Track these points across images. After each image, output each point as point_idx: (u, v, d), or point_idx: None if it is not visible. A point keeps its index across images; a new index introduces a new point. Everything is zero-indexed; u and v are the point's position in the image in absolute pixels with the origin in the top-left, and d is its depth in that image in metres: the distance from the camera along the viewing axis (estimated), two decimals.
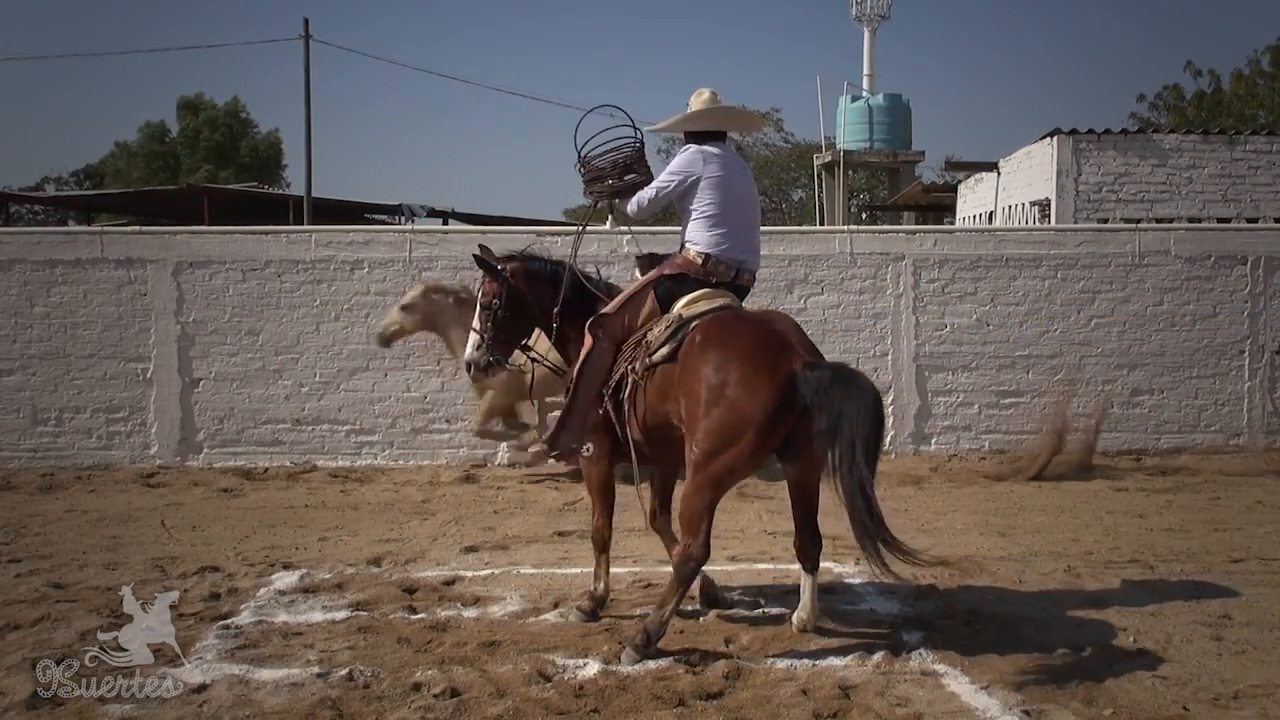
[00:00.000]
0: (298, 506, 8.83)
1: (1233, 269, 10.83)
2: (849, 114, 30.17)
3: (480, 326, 5.76)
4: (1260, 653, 5.10)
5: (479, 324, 5.77)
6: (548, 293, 5.72)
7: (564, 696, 4.55)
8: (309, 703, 4.48)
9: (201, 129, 45.54)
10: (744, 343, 4.95)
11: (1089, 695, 4.56)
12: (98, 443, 10.45)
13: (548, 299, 5.71)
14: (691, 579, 5.06)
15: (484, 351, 5.75)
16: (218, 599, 6.03)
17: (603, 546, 5.70)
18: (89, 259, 10.49)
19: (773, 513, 8.32)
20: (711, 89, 5.61)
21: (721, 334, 5.02)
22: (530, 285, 5.75)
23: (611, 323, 5.44)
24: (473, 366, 5.81)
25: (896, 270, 10.71)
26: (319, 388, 10.52)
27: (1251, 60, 34.12)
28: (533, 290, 5.75)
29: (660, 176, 5.56)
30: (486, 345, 5.74)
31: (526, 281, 5.75)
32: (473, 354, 5.79)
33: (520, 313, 5.78)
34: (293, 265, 10.53)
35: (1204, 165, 15.60)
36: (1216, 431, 10.79)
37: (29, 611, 5.72)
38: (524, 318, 5.82)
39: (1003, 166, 18.93)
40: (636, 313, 5.46)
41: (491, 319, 5.73)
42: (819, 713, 4.38)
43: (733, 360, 4.87)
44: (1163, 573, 6.59)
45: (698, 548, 4.89)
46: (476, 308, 5.84)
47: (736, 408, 4.80)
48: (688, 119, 5.59)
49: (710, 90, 5.60)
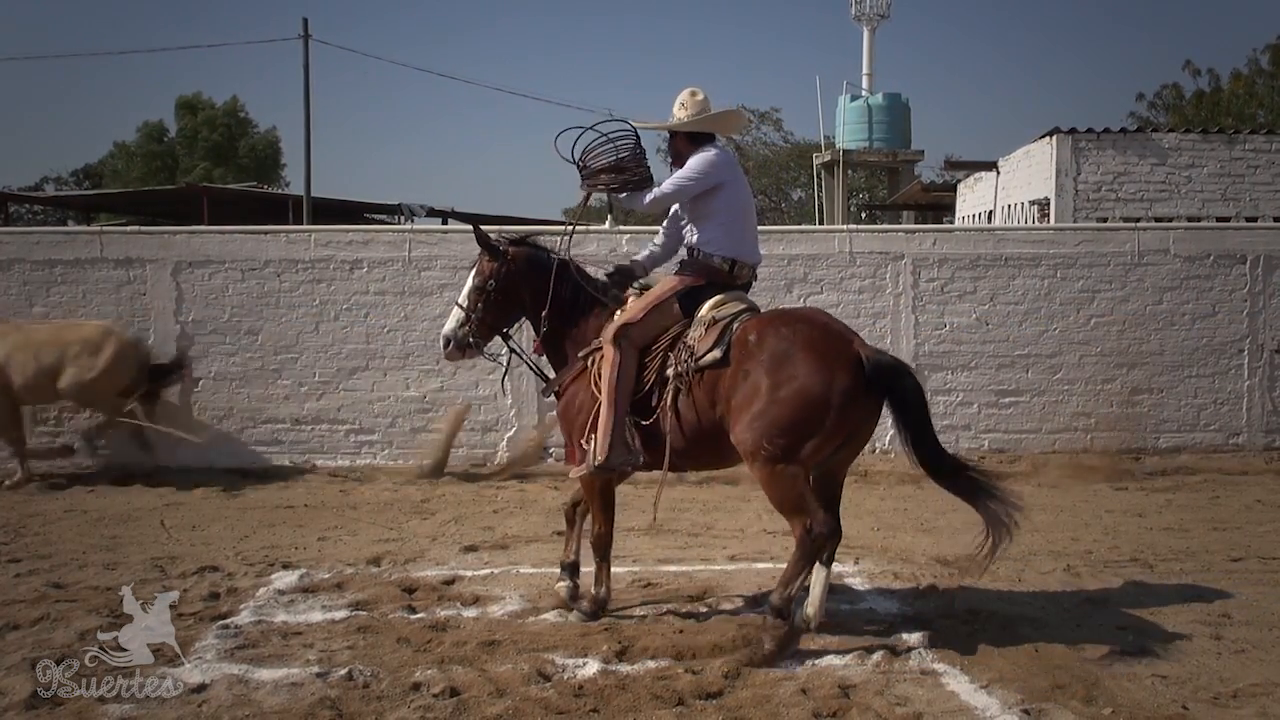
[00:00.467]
0: (297, 506, 8.83)
1: (1232, 268, 10.83)
2: (848, 113, 30.18)
3: (468, 304, 5.65)
4: (1260, 652, 5.10)
5: (467, 300, 5.65)
6: (545, 286, 5.62)
7: (563, 696, 4.55)
8: (308, 702, 4.48)
9: (200, 129, 45.55)
10: (804, 336, 5.04)
11: (1088, 694, 4.56)
12: None
13: (544, 293, 5.61)
14: (815, 556, 5.07)
15: (468, 330, 5.64)
16: (217, 599, 6.03)
17: (604, 553, 5.68)
18: (88, 259, 10.48)
19: (772, 512, 8.30)
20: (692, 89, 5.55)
21: (778, 330, 5.09)
22: (529, 274, 5.65)
23: (637, 332, 5.34)
24: (451, 342, 5.66)
25: (896, 269, 10.71)
26: (318, 387, 10.52)
27: (1251, 59, 34.18)
28: (530, 280, 5.65)
29: (682, 175, 5.46)
30: (472, 325, 5.63)
31: (527, 268, 5.65)
32: (455, 329, 5.66)
33: (512, 299, 5.69)
34: (292, 265, 10.53)
35: (1203, 164, 15.60)
36: (1216, 431, 10.79)
37: (28, 611, 5.72)
38: (515, 305, 5.73)
39: (1002, 166, 18.93)
40: (661, 320, 5.38)
41: (484, 299, 5.62)
42: (818, 712, 4.39)
43: (801, 352, 4.97)
44: (1162, 572, 6.60)
45: (819, 524, 4.96)
46: (468, 284, 5.71)
47: (814, 395, 4.92)
48: (700, 121, 5.51)
49: (702, 92, 5.55)
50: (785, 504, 5.05)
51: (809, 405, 4.91)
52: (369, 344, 10.51)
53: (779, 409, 4.92)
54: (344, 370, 10.53)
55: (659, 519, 6.93)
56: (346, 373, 10.53)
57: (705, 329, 5.24)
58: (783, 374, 4.94)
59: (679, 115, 5.53)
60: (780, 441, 4.91)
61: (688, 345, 5.25)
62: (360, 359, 10.53)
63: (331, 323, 10.53)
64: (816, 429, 4.93)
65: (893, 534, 7.66)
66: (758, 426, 4.94)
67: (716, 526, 7.89)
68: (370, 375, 10.54)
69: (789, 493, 5.01)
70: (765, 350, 5.02)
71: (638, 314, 5.38)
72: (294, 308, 10.52)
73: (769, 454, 4.94)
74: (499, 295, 5.63)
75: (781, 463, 4.95)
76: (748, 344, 5.09)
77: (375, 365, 10.53)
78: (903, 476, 9.62)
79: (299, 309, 10.52)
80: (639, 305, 5.43)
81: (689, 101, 5.53)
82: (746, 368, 5.04)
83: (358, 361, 10.53)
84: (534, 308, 5.67)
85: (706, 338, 5.21)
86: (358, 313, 10.52)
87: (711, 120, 5.58)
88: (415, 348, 10.48)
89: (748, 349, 5.07)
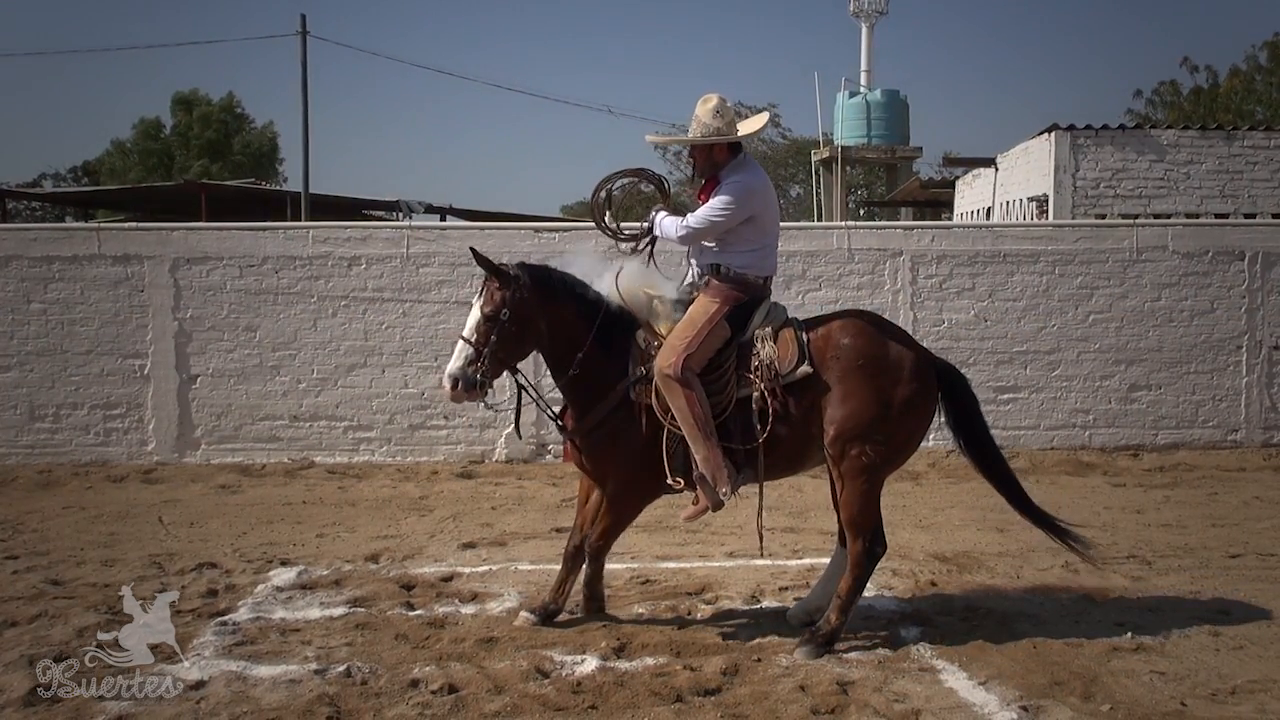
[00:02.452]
0: (295, 503, 8.83)
1: (1230, 264, 10.83)
2: (846, 110, 30.13)
3: (477, 338, 5.07)
4: (1258, 648, 5.10)
5: (475, 334, 5.07)
6: (571, 319, 5.18)
7: (561, 693, 4.54)
8: (306, 699, 4.48)
9: (194, 125, 45.44)
10: (895, 350, 5.20)
11: (1086, 690, 4.56)
12: (95, 439, 10.44)
13: (571, 327, 5.17)
14: (870, 576, 5.33)
15: (477, 367, 5.06)
16: (215, 595, 6.02)
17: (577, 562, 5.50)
18: (86, 255, 10.47)
19: (770, 508, 8.29)
20: (720, 96, 5.25)
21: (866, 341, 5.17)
22: (548, 305, 5.15)
23: (696, 360, 5.04)
24: (459, 383, 5.05)
25: (894, 266, 10.70)
26: (316, 384, 10.51)
27: (1249, 56, 34.16)
28: (552, 312, 5.16)
29: (720, 210, 5.12)
30: (484, 361, 5.06)
31: (545, 299, 5.14)
32: (462, 368, 5.05)
33: (528, 332, 5.15)
34: (290, 261, 10.52)
35: (1202, 161, 15.58)
36: (1214, 427, 10.79)
37: (26, 608, 5.71)
38: (530, 339, 5.20)
39: (1000, 162, 18.91)
40: (714, 343, 5.12)
41: (497, 332, 5.05)
42: (817, 708, 4.39)
43: (905, 369, 5.15)
44: (1160, 568, 6.60)
45: (882, 544, 5.22)
46: (473, 315, 5.14)
47: (922, 412, 5.22)
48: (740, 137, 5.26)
49: (718, 96, 5.26)
50: (863, 515, 5.13)
51: (918, 424, 5.24)
52: (367, 340, 10.50)
53: (896, 427, 5.11)
54: (342, 367, 10.52)
55: (659, 518, 6.95)
56: (344, 369, 10.52)
57: (776, 344, 5.15)
58: (897, 393, 5.09)
59: (714, 124, 5.18)
60: (883, 450, 5.09)
61: (765, 363, 5.11)
62: (358, 355, 10.52)
63: (330, 319, 10.52)
64: (914, 444, 5.34)
65: (891, 530, 7.58)
66: (860, 433, 5.03)
67: (715, 523, 7.86)
68: (368, 372, 10.53)
69: (870, 504, 5.15)
70: (869, 365, 5.10)
71: (694, 341, 5.04)
72: (292, 304, 10.51)
73: (867, 462, 5.06)
74: (515, 327, 5.08)
75: (876, 470, 5.12)
76: (840, 357, 5.11)
77: (373, 362, 10.53)
78: (900, 473, 9.56)
79: (297, 305, 10.51)
80: (691, 332, 5.06)
81: (725, 110, 5.21)
82: (852, 380, 5.07)
83: (356, 358, 10.53)
84: (561, 345, 5.20)
85: (786, 353, 5.12)
86: (356, 309, 10.52)
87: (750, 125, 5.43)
88: (413, 344, 10.48)
89: (842, 361, 5.10)
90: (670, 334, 5.13)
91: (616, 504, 5.34)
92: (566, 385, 5.28)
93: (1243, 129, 16.32)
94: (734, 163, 5.28)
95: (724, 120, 5.19)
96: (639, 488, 5.33)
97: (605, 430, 5.22)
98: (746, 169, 5.28)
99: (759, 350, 5.15)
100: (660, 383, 5.03)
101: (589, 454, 5.32)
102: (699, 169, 5.38)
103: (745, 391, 5.13)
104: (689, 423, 4.98)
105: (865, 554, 5.12)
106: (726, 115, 5.21)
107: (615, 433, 5.21)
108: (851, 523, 5.15)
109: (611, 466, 5.28)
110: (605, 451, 5.26)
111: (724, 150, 5.27)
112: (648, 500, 5.44)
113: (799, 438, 5.17)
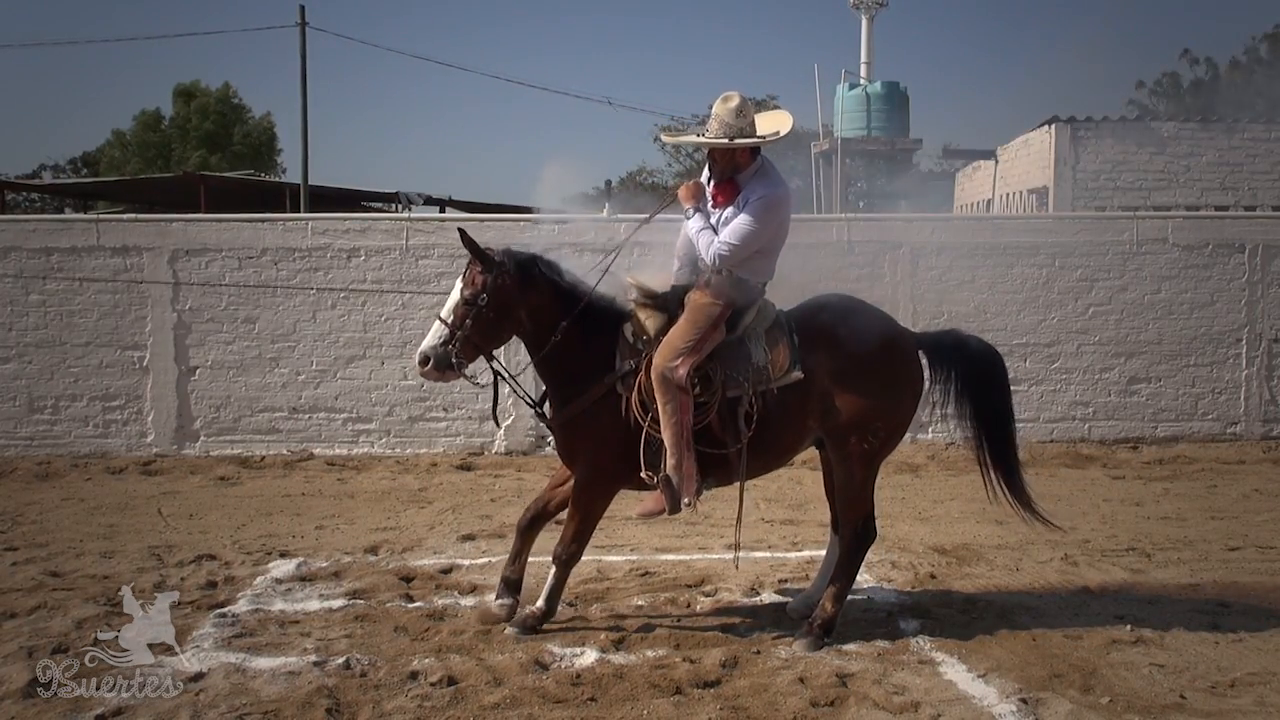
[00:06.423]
0: (294, 495, 8.83)
1: (1230, 257, 10.82)
2: (846, 102, 30.03)
3: (454, 319, 5.00)
4: (1257, 641, 5.11)
5: (452, 315, 5.00)
6: (547, 305, 5.09)
7: (561, 685, 4.55)
8: (306, 691, 4.48)
9: (192, 117, 45.31)
10: (883, 335, 5.26)
11: (1086, 683, 4.56)
12: (94, 431, 10.43)
13: (552, 317, 5.08)
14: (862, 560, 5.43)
15: (451, 349, 4.98)
16: (214, 587, 6.02)
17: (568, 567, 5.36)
18: (85, 247, 10.46)
19: (769, 500, 8.33)
20: (741, 95, 5.05)
21: (856, 331, 5.19)
22: (530, 293, 5.06)
23: (690, 364, 4.92)
24: (430, 360, 4.99)
25: (894, 258, 10.69)
26: (316, 376, 10.50)
27: (1250, 48, 34.11)
28: (530, 299, 5.07)
29: (749, 228, 4.98)
30: (457, 343, 4.99)
31: (526, 287, 5.05)
32: (436, 346, 4.99)
33: (506, 318, 5.08)
34: (289, 253, 10.50)
35: (1202, 153, 15.58)
36: (1214, 420, 10.79)
37: (26, 600, 5.71)
38: (509, 324, 5.12)
39: (1000, 154, 18.91)
40: (711, 345, 5.01)
41: (474, 315, 4.98)
42: (816, 701, 4.39)
43: (895, 353, 5.24)
44: (1160, 561, 6.60)
45: (872, 532, 5.31)
46: (452, 296, 5.08)
47: (915, 391, 5.33)
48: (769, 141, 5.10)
49: (739, 95, 5.05)
50: (859, 501, 5.23)
51: (911, 406, 5.31)
52: (366, 332, 10.49)
53: (894, 412, 5.22)
54: (341, 358, 10.51)
55: None
56: (344, 361, 10.51)
57: (766, 345, 5.09)
58: (890, 379, 5.19)
59: (737, 124, 5.00)
60: (881, 436, 5.16)
61: (756, 367, 5.03)
62: (358, 347, 10.51)
63: (329, 311, 10.51)
64: (905, 427, 5.41)
65: (890, 523, 7.64)
66: (861, 421, 5.08)
67: (714, 515, 7.86)
68: (368, 363, 10.52)
69: (866, 490, 5.25)
70: (862, 356, 5.13)
71: (695, 345, 4.93)
72: (291, 296, 10.50)
73: (868, 449, 5.13)
74: (492, 313, 5.01)
75: (875, 456, 5.22)
76: (829, 346, 5.12)
77: (373, 354, 10.52)
78: (900, 465, 9.62)
79: (296, 297, 10.50)
80: (694, 335, 4.94)
81: (747, 109, 5.04)
82: (834, 370, 5.09)
83: (355, 350, 10.52)
84: (537, 329, 5.12)
85: (779, 358, 5.07)
86: (355, 301, 10.50)
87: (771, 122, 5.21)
88: (413, 336, 10.45)
89: (831, 352, 5.11)
90: (670, 334, 5.00)
91: (586, 491, 5.21)
92: (546, 373, 5.23)
93: (1243, 121, 16.31)
94: (758, 169, 5.14)
95: (746, 120, 5.02)
96: (611, 475, 5.19)
97: (586, 419, 5.13)
98: (770, 179, 5.13)
99: (750, 352, 5.07)
100: (656, 381, 4.92)
101: (566, 442, 5.27)
102: (718, 170, 5.16)
103: (735, 393, 5.04)
104: (671, 427, 4.89)
105: (856, 540, 5.22)
106: (748, 115, 5.04)
107: (596, 422, 5.11)
108: (847, 509, 5.22)
109: (587, 454, 5.18)
110: (582, 440, 5.18)
111: (746, 152, 5.10)
112: (617, 488, 5.29)
113: (787, 435, 5.18)
